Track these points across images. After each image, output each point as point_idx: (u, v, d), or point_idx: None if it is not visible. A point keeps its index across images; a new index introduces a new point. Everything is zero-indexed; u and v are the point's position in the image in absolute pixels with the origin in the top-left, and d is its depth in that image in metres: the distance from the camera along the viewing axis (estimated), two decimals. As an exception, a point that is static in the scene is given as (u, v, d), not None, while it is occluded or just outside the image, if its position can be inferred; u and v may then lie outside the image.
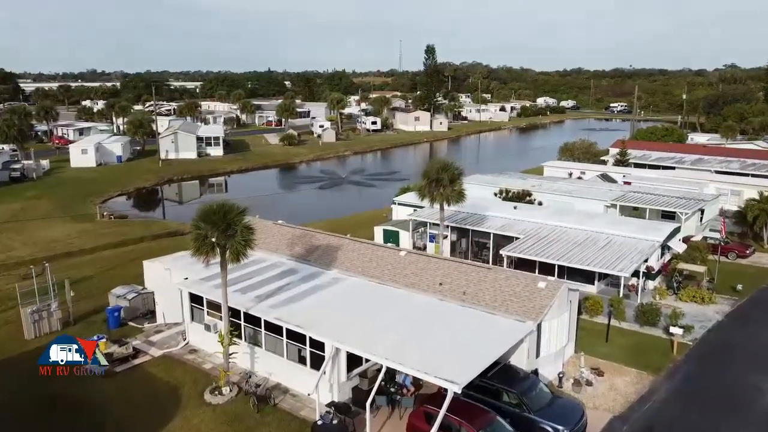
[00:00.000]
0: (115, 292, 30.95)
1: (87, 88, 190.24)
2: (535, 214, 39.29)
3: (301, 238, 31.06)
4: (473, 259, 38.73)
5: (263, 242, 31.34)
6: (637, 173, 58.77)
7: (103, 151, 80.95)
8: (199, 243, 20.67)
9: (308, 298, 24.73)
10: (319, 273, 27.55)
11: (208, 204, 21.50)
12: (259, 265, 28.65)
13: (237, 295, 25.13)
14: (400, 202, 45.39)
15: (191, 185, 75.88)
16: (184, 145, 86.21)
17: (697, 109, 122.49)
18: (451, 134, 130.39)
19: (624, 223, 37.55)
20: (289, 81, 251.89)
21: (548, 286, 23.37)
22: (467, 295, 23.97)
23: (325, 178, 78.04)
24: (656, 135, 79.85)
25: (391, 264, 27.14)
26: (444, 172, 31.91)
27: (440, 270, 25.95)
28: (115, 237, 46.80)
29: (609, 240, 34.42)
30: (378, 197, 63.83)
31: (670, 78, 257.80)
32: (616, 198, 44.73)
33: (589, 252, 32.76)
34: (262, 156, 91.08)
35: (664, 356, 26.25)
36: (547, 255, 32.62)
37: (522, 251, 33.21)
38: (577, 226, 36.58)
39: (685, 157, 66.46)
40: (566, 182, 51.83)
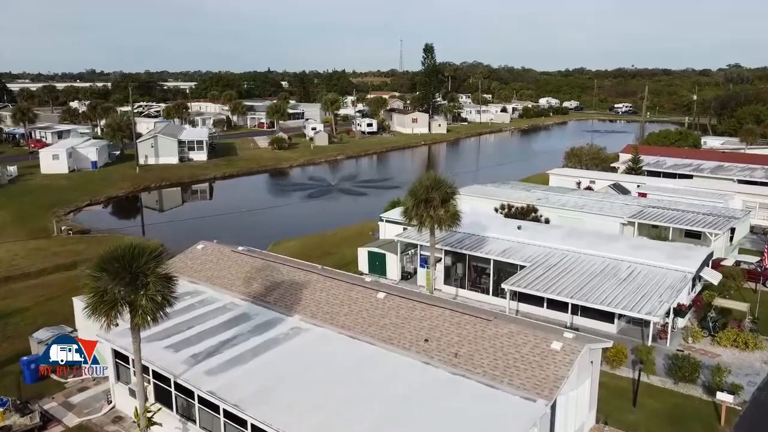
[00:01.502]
0: (38, 336, 25.64)
1: (75, 89, 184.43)
2: (543, 236, 33.91)
3: (262, 272, 25.72)
4: (471, 287, 33.41)
5: (216, 276, 26.06)
6: (653, 183, 53.40)
7: (76, 156, 75.62)
8: (96, 300, 15.36)
9: (258, 359, 19.40)
10: (278, 320, 22.21)
11: (113, 246, 16.20)
12: (204, 308, 23.33)
13: (168, 353, 19.83)
14: (388, 219, 40.01)
15: (171, 193, 70.55)
16: (165, 149, 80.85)
17: (708, 111, 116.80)
18: (450, 137, 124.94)
19: (647, 247, 32.11)
20: (286, 81, 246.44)
21: (565, 348, 18.00)
22: (460, 358, 18.63)
23: (314, 185, 72.67)
24: (669, 139, 74.29)
25: (367, 310, 21.79)
26: (434, 191, 26.58)
27: (427, 320, 20.60)
28: (68, 257, 41.44)
29: (631, 270, 29.05)
30: (368, 207, 58.47)
31: (674, 78, 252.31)
32: (634, 215, 39.37)
33: (608, 286, 27.40)
34: (249, 161, 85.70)
35: (708, 428, 20.89)
36: (559, 290, 27.28)
37: (528, 285, 27.85)
38: (593, 251, 31.21)
39: (703, 164, 61.00)
40: (575, 195, 46.43)
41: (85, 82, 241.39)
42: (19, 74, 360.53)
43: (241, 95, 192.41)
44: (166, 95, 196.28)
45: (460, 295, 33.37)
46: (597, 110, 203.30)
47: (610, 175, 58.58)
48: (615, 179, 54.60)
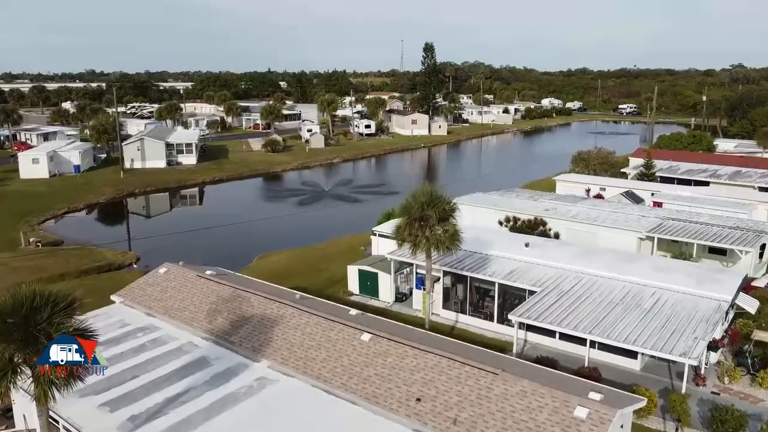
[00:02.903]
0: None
1: (68, 89, 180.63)
2: (554, 254, 30.20)
3: (230, 303, 22.05)
4: (473, 312, 29.72)
5: (177, 307, 22.41)
6: (668, 190, 49.64)
7: (58, 160, 71.98)
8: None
9: (210, 425, 15.73)
10: (242, 367, 18.54)
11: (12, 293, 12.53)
12: (157, 350, 19.67)
13: (102, 415, 16.20)
14: (381, 233, 36.27)
15: (156, 199, 66.92)
16: (152, 152, 77.17)
17: (718, 112, 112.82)
18: (451, 138, 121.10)
19: (672, 269, 28.34)
20: (285, 81, 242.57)
21: (593, 417, 14.31)
22: (460, 426, 14.94)
23: (306, 191, 68.91)
24: (682, 142, 70.41)
25: (348, 355, 18.12)
26: (431, 208, 22.88)
27: (420, 371, 16.94)
28: (30, 274, 37.62)
29: (656, 297, 25.34)
30: (363, 216, 54.80)
31: (678, 78, 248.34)
32: (653, 228, 35.63)
33: (631, 318, 23.68)
34: (240, 164, 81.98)
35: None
36: (575, 323, 23.57)
37: (539, 316, 24.14)
38: (611, 273, 27.49)
39: (720, 170, 57.19)
40: (586, 204, 42.64)
41: (84, 83, 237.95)
42: (19, 74, 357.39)
43: (239, 96, 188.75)
44: (162, 96, 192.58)
45: (461, 322, 29.71)
46: (600, 111, 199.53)
47: (621, 181, 54.84)
48: (627, 186, 50.86)
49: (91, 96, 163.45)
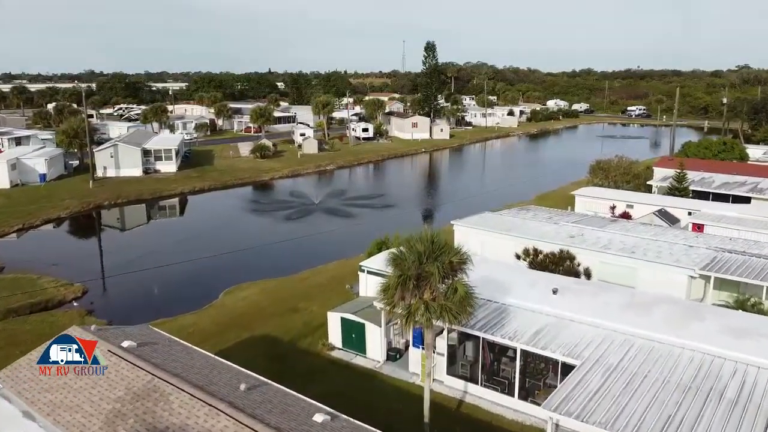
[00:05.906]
0: None
1: (54, 90, 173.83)
2: (590, 305, 23.40)
3: (141, 402, 15.23)
4: (486, 381, 22.95)
5: (67, 405, 15.64)
6: (706, 209, 42.89)
7: (21, 168, 65.33)
8: None
9: None
10: None
11: None
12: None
13: None
14: (369, 270, 29.39)
15: (128, 212, 60.14)
16: (127, 160, 70.48)
17: (740, 115, 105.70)
18: (453, 142, 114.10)
19: (750, 331, 21.37)
20: (282, 82, 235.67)
21: None
22: None
23: (294, 203, 62.00)
24: (711, 150, 63.35)
25: None
26: (432, 262, 16.06)
27: None
28: (-61, 316, 31.01)
29: (738, 377, 18.51)
30: (355, 235, 48.10)
31: (685, 79, 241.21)
32: (707, 264, 28.76)
33: (710, 413, 16.84)
34: (224, 172, 75.12)
35: None
36: (634, 421, 16.71)
37: (582, 411, 17.24)
38: (671, 337, 20.65)
39: (761, 183, 50.21)
40: (618, 229, 35.53)
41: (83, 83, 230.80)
42: (18, 75, 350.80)
43: (234, 97, 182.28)
44: (154, 97, 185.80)
45: (471, 393, 22.95)
46: (608, 113, 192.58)
47: (650, 197, 47.98)
48: (659, 203, 44.01)
49: (78, 97, 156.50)
